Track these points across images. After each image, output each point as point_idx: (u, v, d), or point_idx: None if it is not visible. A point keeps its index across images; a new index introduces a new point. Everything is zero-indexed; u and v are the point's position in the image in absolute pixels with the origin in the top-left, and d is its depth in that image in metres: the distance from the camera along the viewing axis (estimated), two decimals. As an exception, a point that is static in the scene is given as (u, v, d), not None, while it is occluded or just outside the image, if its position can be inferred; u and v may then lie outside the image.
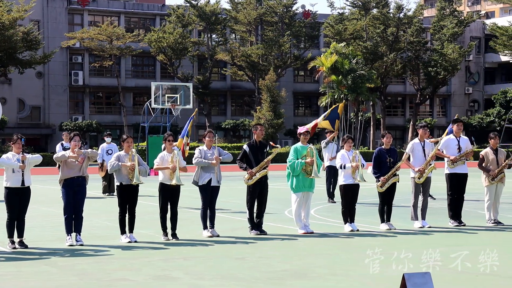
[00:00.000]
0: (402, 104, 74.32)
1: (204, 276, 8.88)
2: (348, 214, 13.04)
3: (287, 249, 11.11)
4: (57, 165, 12.87)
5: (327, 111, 19.45)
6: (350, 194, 13.03)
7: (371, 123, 62.01)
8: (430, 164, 13.30)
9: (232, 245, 11.53)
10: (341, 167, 13.00)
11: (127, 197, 11.83)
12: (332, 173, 18.52)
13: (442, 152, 13.69)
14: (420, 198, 13.48)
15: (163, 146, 12.86)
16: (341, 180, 13.11)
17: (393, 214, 13.47)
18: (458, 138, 13.76)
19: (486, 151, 13.91)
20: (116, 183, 11.96)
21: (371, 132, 62.06)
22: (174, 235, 12.07)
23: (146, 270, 9.31)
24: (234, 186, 23.46)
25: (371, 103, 61.60)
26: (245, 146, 12.74)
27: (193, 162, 12.37)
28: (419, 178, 13.32)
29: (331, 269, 9.29)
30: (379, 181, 13.07)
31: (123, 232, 11.82)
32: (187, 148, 18.24)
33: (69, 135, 19.46)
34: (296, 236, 12.37)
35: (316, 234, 12.51)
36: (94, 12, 64.55)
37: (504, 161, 13.85)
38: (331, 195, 18.85)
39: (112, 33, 57.00)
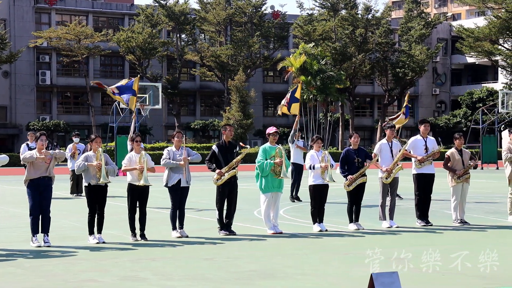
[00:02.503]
0: (371, 104, 74.90)
1: (172, 277, 8.85)
2: (317, 215, 13.09)
3: (255, 250, 11.12)
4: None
5: (288, 96, 19.72)
6: (319, 194, 13.08)
7: (340, 124, 62.36)
8: (398, 165, 13.43)
9: (201, 245, 11.51)
10: (310, 168, 13.04)
11: (96, 198, 11.74)
12: (297, 171, 18.62)
13: (410, 152, 13.82)
14: (388, 198, 13.59)
15: (129, 146, 12.75)
16: (310, 180, 13.15)
17: (362, 214, 13.56)
18: (425, 139, 13.91)
19: (452, 152, 14.07)
20: (84, 184, 11.86)
21: (340, 132, 62.41)
22: (142, 236, 12.02)
23: (114, 271, 9.25)
24: (203, 186, 23.40)
25: (339, 104, 61.95)
26: (214, 147, 12.74)
27: (161, 163, 12.32)
28: (386, 178, 13.43)
29: (300, 269, 9.32)
30: (347, 179, 13.14)
31: (91, 232, 11.72)
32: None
33: (35, 135, 19.26)
34: (265, 236, 12.38)
35: (285, 235, 12.54)
36: (61, 11, 63.92)
37: (469, 161, 14.04)
38: (293, 194, 18.94)
39: (80, 33, 56.50)
